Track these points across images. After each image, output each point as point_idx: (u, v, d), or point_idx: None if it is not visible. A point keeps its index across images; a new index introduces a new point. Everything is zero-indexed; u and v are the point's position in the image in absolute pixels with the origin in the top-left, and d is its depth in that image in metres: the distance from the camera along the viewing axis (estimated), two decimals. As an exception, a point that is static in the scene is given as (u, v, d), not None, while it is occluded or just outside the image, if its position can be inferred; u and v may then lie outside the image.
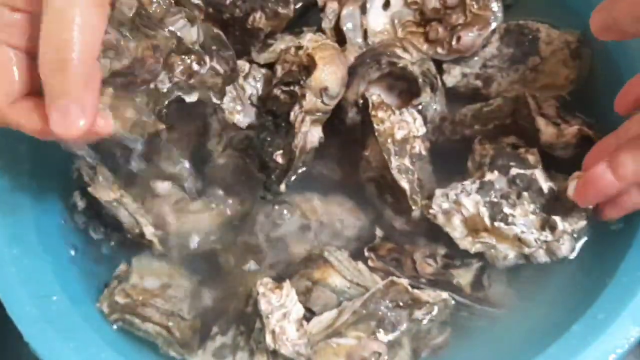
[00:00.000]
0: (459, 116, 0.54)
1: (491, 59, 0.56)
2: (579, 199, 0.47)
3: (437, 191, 0.51)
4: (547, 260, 0.49)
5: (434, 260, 0.52)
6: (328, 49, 0.52)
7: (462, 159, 0.53)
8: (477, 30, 0.54)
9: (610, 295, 0.44)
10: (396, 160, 0.51)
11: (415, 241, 0.53)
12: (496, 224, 0.49)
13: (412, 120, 0.52)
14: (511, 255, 0.49)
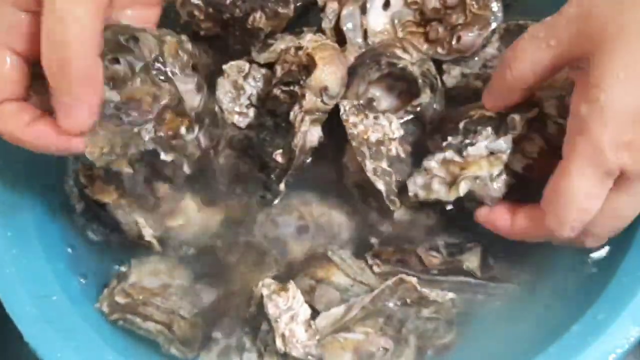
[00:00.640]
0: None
1: (491, 60, 0.55)
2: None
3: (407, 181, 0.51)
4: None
5: (438, 252, 0.52)
6: (328, 49, 0.52)
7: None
8: (477, 30, 0.54)
9: (610, 295, 0.45)
10: (371, 163, 0.51)
11: (412, 239, 0.53)
12: (464, 153, 0.48)
13: (387, 123, 0.52)
14: (495, 171, 0.48)
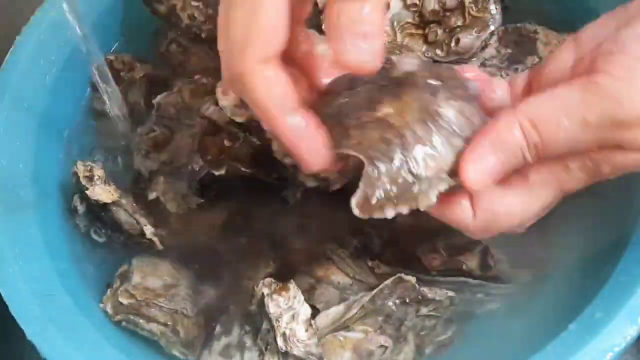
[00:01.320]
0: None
1: (490, 59, 0.56)
2: None
3: None
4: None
5: (438, 253, 0.52)
6: (328, 50, 0.52)
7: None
8: (475, 33, 0.55)
9: (608, 294, 0.45)
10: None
11: (412, 240, 0.53)
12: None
13: None
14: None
